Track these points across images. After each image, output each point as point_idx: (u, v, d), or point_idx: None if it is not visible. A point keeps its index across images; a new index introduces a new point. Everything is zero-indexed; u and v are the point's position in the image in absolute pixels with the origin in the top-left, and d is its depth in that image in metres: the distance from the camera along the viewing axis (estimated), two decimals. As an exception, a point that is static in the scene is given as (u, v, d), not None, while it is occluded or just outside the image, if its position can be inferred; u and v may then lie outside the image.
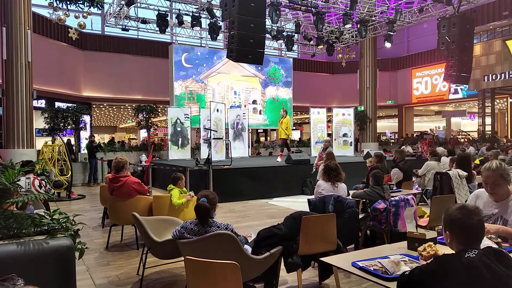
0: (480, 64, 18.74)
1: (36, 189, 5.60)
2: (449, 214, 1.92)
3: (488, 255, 1.73)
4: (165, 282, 4.01)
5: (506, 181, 2.73)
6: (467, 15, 13.69)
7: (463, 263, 1.71)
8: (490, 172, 2.73)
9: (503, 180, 2.72)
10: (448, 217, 1.92)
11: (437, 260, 1.84)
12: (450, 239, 1.92)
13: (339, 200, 4.18)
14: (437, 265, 1.79)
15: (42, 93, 14.40)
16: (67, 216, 2.54)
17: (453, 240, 1.90)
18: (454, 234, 1.89)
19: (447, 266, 1.75)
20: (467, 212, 1.87)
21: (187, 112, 13.31)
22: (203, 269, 2.39)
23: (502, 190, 2.75)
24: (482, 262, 1.68)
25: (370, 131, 19.13)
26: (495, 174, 2.71)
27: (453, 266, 1.74)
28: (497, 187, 2.74)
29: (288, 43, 15.96)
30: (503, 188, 2.74)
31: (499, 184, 2.73)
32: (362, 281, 3.71)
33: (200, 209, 3.05)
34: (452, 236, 1.90)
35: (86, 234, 5.90)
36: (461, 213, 1.87)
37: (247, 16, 9.05)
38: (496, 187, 2.74)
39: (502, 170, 2.71)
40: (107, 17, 14.93)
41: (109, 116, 28.95)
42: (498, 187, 2.74)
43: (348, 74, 22.20)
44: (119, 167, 5.14)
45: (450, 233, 1.91)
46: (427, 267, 1.84)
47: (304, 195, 9.56)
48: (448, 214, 1.93)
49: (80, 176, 12.67)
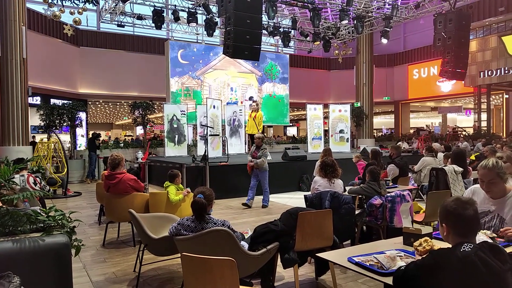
0: (476, 60, 18.78)
1: (31, 186, 5.58)
2: (444, 206, 1.95)
3: (484, 249, 1.74)
4: (162, 279, 4.02)
5: (502, 180, 2.71)
6: (463, 11, 13.71)
7: (459, 257, 1.72)
8: (486, 171, 2.72)
9: (499, 179, 2.70)
10: (443, 209, 1.95)
11: (432, 255, 1.85)
12: (447, 231, 1.93)
13: (335, 196, 4.19)
14: (433, 259, 1.80)
15: (37, 90, 14.33)
16: (63, 213, 2.53)
17: (449, 232, 1.91)
18: (450, 225, 1.90)
19: (443, 260, 1.76)
20: (462, 203, 1.90)
21: (184, 108, 13.27)
22: (200, 265, 2.39)
23: (497, 188, 2.73)
24: (478, 256, 1.69)
25: (366, 127, 19.17)
26: (492, 173, 2.70)
27: (448, 260, 1.75)
28: (493, 185, 2.72)
29: (285, 39, 15.93)
30: (498, 187, 2.73)
31: (495, 183, 2.71)
32: (358, 276, 3.73)
33: (196, 206, 3.05)
34: (448, 228, 1.91)
35: (83, 231, 5.89)
36: (456, 204, 1.90)
37: (243, 12, 9.02)
38: (492, 185, 2.72)
39: (499, 168, 2.69)
40: (102, 13, 14.83)
41: (105, 113, 28.84)
42: (494, 185, 2.72)
43: (345, 70, 22.21)
44: (115, 164, 5.12)
45: (446, 225, 1.92)
46: (423, 262, 1.85)
47: (301, 191, 9.58)
48: (443, 207, 1.95)
49: (76, 173, 12.64)
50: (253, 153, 7.89)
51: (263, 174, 7.80)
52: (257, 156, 7.73)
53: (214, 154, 11.22)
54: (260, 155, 7.72)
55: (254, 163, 7.70)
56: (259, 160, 7.64)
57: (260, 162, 7.65)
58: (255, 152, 7.82)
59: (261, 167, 7.72)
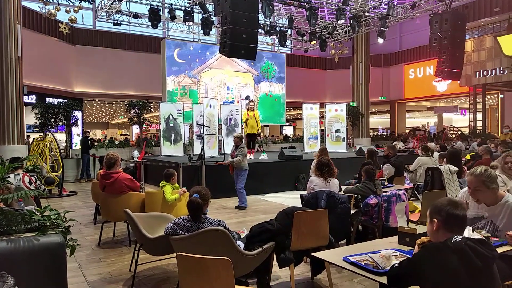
0: (471, 60, 18.86)
1: (26, 185, 5.55)
2: (436, 203, 2.04)
3: (472, 240, 1.85)
4: (158, 279, 4.01)
5: (488, 189, 2.70)
6: (459, 11, 13.78)
7: (451, 247, 1.79)
8: (472, 177, 2.74)
9: (484, 187, 2.69)
10: (435, 205, 2.03)
11: (425, 248, 1.91)
12: (437, 226, 1.99)
13: (331, 196, 4.20)
14: (427, 251, 1.87)
15: (32, 89, 14.23)
16: (58, 213, 2.52)
17: (439, 227, 1.98)
18: (441, 220, 1.97)
19: (436, 251, 1.83)
20: (454, 202, 2.00)
21: (180, 107, 13.24)
22: (196, 265, 2.39)
23: (483, 196, 2.73)
24: (468, 245, 1.79)
25: (362, 127, 19.21)
26: (477, 180, 2.70)
27: (441, 251, 1.81)
28: (478, 193, 2.73)
29: (281, 39, 15.93)
30: (484, 195, 2.72)
31: (480, 191, 2.71)
32: (353, 275, 3.74)
33: (192, 205, 3.04)
34: (439, 223, 1.98)
35: (78, 231, 5.87)
36: (449, 203, 1.99)
37: (239, 11, 9.00)
38: (477, 192, 2.73)
39: (485, 177, 2.69)
40: (98, 11, 14.76)
41: (101, 112, 28.71)
42: (479, 193, 2.73)
43: (341, 70, 22.23)
44: (110, 163, 5.10)
45: (437, 220, 1.98)
46: (417, 255, 1.93)
47: (297, 190, 9.59)
48: (435, 204, 2.04)
49: (72, 172, 12.59)
50: (232, 153, 7.80)
51: (241, 173, 7.66)
52: (234, 156, 7.62)
53: (210, 154, 11.21)
54: (237, 153, 7.59)
55: (230, 161, 7.58)
56: (236, 159, 7.52)
57: (237, 161, 7.52)
58: (233, 152, 7.71)
59: (239, 166, 7.59)
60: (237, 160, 7.52)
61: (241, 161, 7.57)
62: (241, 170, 7.66)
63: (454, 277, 1.75)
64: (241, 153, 7.58)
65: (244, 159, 7.68)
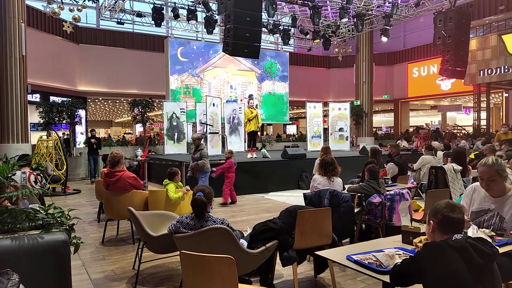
0: (476, 58, 18.76)
1: (31, 184, 5.58)
2: (435, 206, 2.08)
3: (472, 237, 1.89)
4: (161, 277, 4.02)
5: (502, 177, 2.72)
6: (463, 9, 13.71)
7: (452, 245, 1.82)
8: (485, 168, 2.74)
9: (498, 176, 2.71)
10: (434, 208, 2.08)
11: (427, 246, 1.93)
12: (433, 228, 2.05)
13: (334, 194, 4.19)
14: (429, 249, 1.89)
15: (36, 87, 14.29)
16: (62, 211, 2.53)
17: (435, 229, 2.03)
18: (436, 223, 2.02)
19: (438, 249, 1.85)
20: (452, 206, 2.03)
21: (183, 106, 13.26)
22: (199, 263, 2.39)
23: (498, 187, 2.74)
24: (468, 243, 1.83)
25: (366, 125, 19.17)
26: (491, 170, 2.71)
27: (443, 248, 1.83)
28: (492, 183, 2.74)
29: (285, 37, 15.90)
30: (498, 185, 2.74)
31: (495, 180, 2.72)
32: (357, 274, 3.73)
33: (196, 204, 3.05)
34: (434, 225, 2.03)
35: (82, 229, 5.89)
36: (447, 206, 2.02)
37: (243, 9, 9.00)
38: (492, 183, 2.74)
39: (498, 166, 2.70)
40: (102, 10, 14.79)
41: (104, 111, 28.80)
42: (494, 183, 2.73)
43: (345, 68, 22.18)
44: (114, 162, 5.12)
45: (433, 222, 2.04)
46: (419, 253, 1.94)
47: (300, 189, 9.59)
48: (434, 206, 2.09)
49: (77, 170, 12.62)
50: (192, 155, 7.50)
51: (202, 176, 7.31)
52: (195, 158, 7.31)
53: (213, 152, 11.22)
54: (198, 156, 7.27)
55: (194, 164, 7.24)
56: (200, 162, 7.19)
57: (201, 163, 7.20)
58: (194, 154, 7.40)
59: (201, 169, 7.26)
60: (201, 163, 7.21)
61: (205, 163, 7.27)
62: (203, 173, 7.33)
63: (455, 274, 1.77)
64: (203, 155, 7.29)
65: (207, 161, 7.37)
